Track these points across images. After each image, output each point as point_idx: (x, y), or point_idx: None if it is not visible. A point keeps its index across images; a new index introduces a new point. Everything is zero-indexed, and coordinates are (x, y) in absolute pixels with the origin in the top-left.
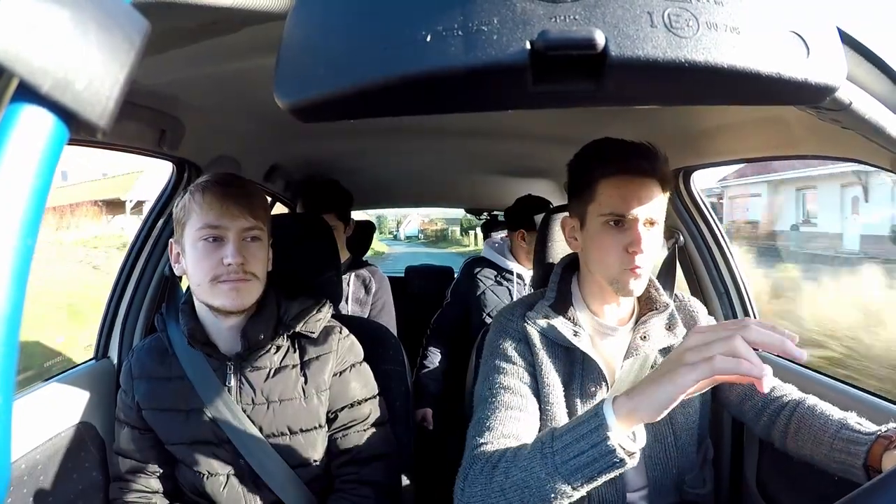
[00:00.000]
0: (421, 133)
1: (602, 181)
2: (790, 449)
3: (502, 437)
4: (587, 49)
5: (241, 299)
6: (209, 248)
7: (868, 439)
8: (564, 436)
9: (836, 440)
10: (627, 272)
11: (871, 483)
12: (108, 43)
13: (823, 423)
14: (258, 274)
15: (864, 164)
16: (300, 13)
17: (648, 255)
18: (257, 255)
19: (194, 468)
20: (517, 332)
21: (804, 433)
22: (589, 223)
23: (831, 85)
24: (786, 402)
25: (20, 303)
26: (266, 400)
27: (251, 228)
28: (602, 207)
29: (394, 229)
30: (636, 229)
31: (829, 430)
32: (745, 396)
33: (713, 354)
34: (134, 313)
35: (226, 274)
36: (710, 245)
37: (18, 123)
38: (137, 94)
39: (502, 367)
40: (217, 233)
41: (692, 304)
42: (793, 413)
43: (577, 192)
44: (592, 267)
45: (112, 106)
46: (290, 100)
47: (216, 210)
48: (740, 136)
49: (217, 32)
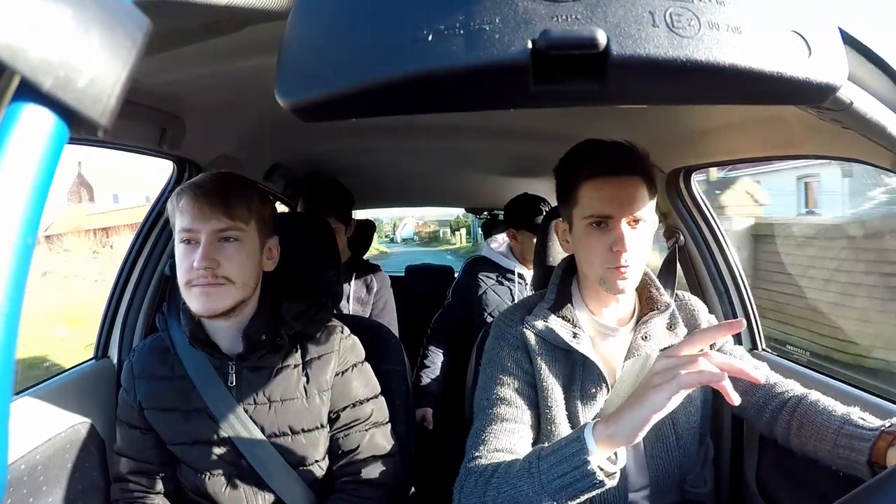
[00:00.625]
0: (422, 132)
1: (583, 184)
2: (794, 445)
3: (496, 451)
4: (589, 48)
5: (211, 304)
6: (185, 251)
7: (872, 435)
8: (549, 457)
9: (840, 436)
10: (613, 271)
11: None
12: (109, 41)
13: (827, 418)
14: (234, 277)
15: (865, 164)
16: (301, 12)
17: (634, 253)
18: (234, 258)
19: (196, 468)
20: (515, 339)
21: (807, 429)
22: (575, 226)
23: (832, 85)
24: (788, 398)
25: (19, 302)
26: (268, 400)
27: (226, 229)
28: (584, 210)
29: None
30: (619, 228)
31: (833, 426)
32: (747, 393)
33: (678, 373)
34: (134, 313)
35: (196, 278)
36: (710, 245)
37: (19, 121)
38: (139, 93)
39: (500, 379)
40: (191, 236)
41: (693, 302)
42: (795, 409)
43: (563, 196)
44: (583, 268)
45: (113, 104)
46: (292, 99)
47: (190, 212)
48: (740, 136)
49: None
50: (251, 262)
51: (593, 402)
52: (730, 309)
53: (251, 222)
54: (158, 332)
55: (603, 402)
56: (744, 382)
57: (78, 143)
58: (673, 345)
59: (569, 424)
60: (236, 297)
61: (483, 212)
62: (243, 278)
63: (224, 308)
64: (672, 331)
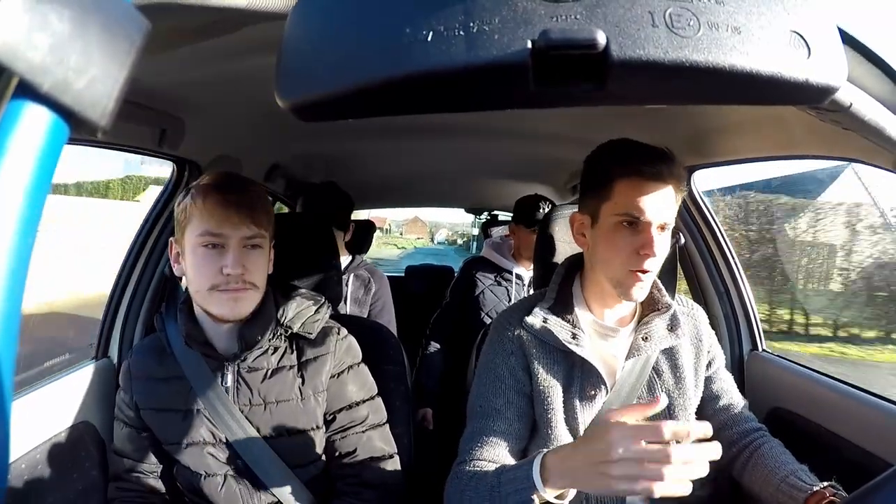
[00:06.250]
0: (422, 133)
1: (619, 181)
2: (743, 480)
3: (479, 459)
4: (588, 49)
5: (239, 308)
6: (209, 256)
7: (808, 488)
8: (507, 485)
9: (784, 484)
10: (632, 275)
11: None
12: (108, 42)
13: (777, 466)
14: (257, 283)
15: (865, 165)
16: (301, 13)
17: (658, 259)
18: (258, 263)
19: (192, 468)
20: (511, 344)
21: (759, 471)
22: (602, 221)
23: (832, 85)
24: (752, 441)
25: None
26: (263, 401)
27: (253, 237)
28: (617, 207)
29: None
30: (649, 232)
31: (780, 475)
32: (725, 426)
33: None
34: (134, 313)
35: (225, 283)
36: (710, 245)
37: (18, 122)
38: (138, 94)
39: (492, 386)
40: (217, 240)
41: (696, 312)
42: (755, 451)
43: (592, 188)
44: (598, 266)
45: (112, 105)
46: (291, 99)
47: (217, 217)
48: (740, 136)
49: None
50: (267, 267)
51: (592, 404)
52: (730, 309)
53: (269, 229)
54: (157, 332)
55: (602, 403)
56: (722, 416)
57: (78, 144)
58: (674, 346)
59: (567, 427)
60: (257, 301)
61: (483, 212)
62: (263, 283)
63: (249, 311)
64: (673, 332)
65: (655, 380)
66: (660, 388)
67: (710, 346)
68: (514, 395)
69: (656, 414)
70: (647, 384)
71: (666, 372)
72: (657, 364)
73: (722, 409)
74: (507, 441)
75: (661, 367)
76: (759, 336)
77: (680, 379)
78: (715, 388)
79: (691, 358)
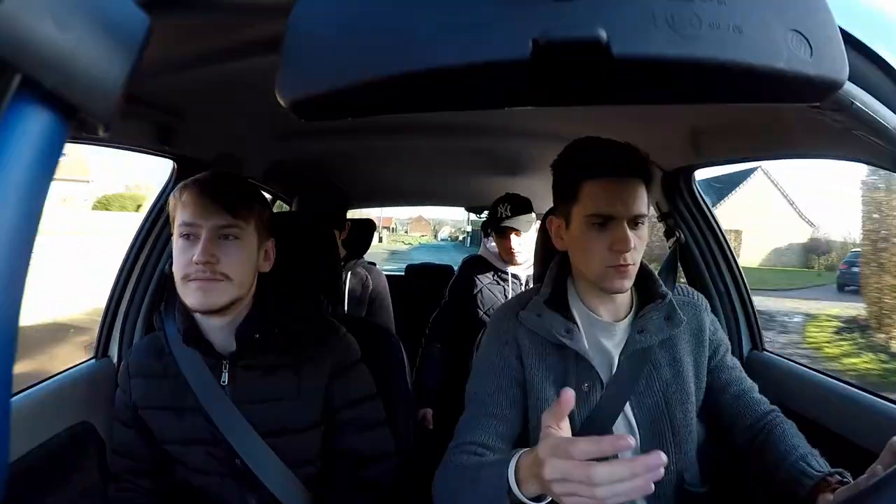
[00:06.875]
0: (422, 131)
1: (585, 182)
2: (752, 460)
3: (470, 444)
4: (589, 48)
5: (208, 299)
6: (184, 246)
7: (817, 475)
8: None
9: (794, 469)
10: (613, 271)
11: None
12: (110, 40)
13: (787, 450)
14: (232, 275)
15: (866, 164)
16: (301, 12)
17: (636, 251)
18: (233, 255)
19: (190, 467)
20: (507, 336)
21: (769, 455)
22: (574, 223)
23: (833, 84)
24: (764, 425)
25: (19, 302)
26: (261, 399)
27: (227, 226)
28: (587, 208)
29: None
30: (622, 228)
31: (790, 459)
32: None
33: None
34: (134, 312)
35: (194, 273)
36: (710, 244)
37: (21, 119)
38: (139, 92)
39: (488, 374)
40: (191, 230)
41: (696, 298)
42: (769, 434)
43: (561, 192)
44: (579, 266)
45: (114, 103)
46: (292, 97)
47: (191, 207)
48: (740, 135)
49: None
50: (249, 261)
51: (587, 399)
52: (730, 309)
53: (251, 222)
54: (156, 330)
55: (598, 398)
56: (734, 407)
57: (78, 142)
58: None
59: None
60: (233, 295)
61: (483, 210)
62: (240, 277)
63: (220, 304)
64: (670, 321)
65: (652, 373)
66: (657, 381)
67: (713, 334)
68: (506, 382)
69: (656, 411)
70: (645, 378)
71: (664, 365)
72: (655, 357)
73: (732, 400)
74: (499, 426)
75: (658, 359)
76: (760, 336)
77: (678, 372)
78: (723, 377)
79: (691, 349)
